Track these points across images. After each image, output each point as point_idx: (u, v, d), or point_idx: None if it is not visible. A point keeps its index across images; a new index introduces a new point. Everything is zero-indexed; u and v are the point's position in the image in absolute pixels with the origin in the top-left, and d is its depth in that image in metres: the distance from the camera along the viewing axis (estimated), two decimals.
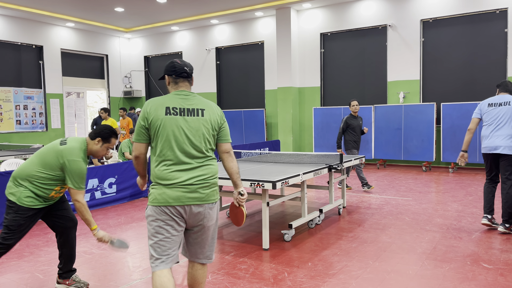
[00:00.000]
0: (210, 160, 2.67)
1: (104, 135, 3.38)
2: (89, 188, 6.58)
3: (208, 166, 2.65)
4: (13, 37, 12.58)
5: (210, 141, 2.66)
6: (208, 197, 2.63)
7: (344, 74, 11.95)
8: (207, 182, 2.62)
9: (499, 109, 4.94)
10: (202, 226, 2.67)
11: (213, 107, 2.70)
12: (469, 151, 9.69)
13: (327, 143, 11.54)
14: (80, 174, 3.23)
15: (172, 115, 2.57)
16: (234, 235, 5.03)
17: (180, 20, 13.70)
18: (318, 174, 5.07)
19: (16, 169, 3.32)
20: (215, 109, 2.71)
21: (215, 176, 2.68)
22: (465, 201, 6.60)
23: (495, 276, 3.62)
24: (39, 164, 3.24)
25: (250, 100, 13.70)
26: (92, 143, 3.38)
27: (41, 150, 3.33)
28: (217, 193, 2.72)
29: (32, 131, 13.11)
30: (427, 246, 4.47)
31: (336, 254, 4.29)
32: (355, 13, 11.54)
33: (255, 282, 3.61)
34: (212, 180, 2.66)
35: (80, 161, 3.24)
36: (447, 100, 10.53)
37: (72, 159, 3.21)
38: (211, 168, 2.66)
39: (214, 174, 2.68)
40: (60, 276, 3.54)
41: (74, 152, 3.24)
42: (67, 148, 3.24)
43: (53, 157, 3.23)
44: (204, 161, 2.64)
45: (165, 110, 2.58)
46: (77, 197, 3.22)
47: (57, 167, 3.23)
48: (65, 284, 3.53)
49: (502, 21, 9.83)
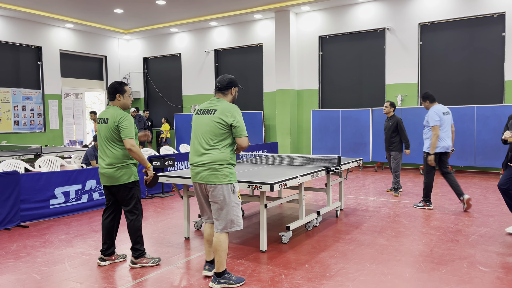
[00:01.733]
0: (214, 149, 3.44)
1: None
2: (87, 189, 6.58)
3: (210, 154, 3.45)
4: (12, 38, 12.58)
5: (217, 132, 3.44)
6: (207, 178, 3.46)
7: (343, 77, 11.98)
8: (205, 166, 3.46)
9: (446, 116, 6.25)
10: (209, 200, 3.55)
11: (225, 109, 3.47)
12: (467, 155, 9.72)
13: (325, 146, 11.56)
14: None
15: (198, 114, 3.60)
16: (231, 237, 5.03)
17: (179, 22, 13.72)
18: (316, 176, 5.09)
19: (102, 163, 3.97)
20: (225, 111, 3.46)
21: (213, 162, 3.43)
22: (462, 204, 6.61)
23: (491, 279, 3.64)
24: (114, 146, 3.93)
25: (249, 102, 13.72)
26: None
27: (101, 137, 4.00)
28: (219, 177, 3.42)
29: (30, 131, 13.10)
30: (424, 248, 4.49)
31: (333, 256, 4.30)
32: (353, 16, 11.58)
33: (252, 283, 3.61)
34: (209, 165, 3.44)
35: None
36: (445, 103, 10.56)
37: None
38: (213, 155, 3.44)
39: (212, 161, 3.43)
40: (137, 257, 4.07)
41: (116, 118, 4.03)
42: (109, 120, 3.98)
43: (112, 134, 3.94)
44: (208, 149, 3.46)
45: (197, 111, 3.65)
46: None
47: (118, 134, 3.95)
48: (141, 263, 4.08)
49: (499, 25, 9.88)
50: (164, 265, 4.13)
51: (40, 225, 5.72)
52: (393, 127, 7.46)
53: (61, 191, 6.21)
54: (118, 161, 3.93)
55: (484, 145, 9.52)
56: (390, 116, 7.61)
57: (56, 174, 6.17)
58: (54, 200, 6.12)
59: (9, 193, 5.56)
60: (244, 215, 6.17)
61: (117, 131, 3.88)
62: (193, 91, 14.74)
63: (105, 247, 4.13)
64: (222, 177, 3.43)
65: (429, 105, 6.37)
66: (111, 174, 3.93)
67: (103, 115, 4.00)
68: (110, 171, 3.93)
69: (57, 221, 5.95)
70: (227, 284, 3.52)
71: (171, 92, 15.40)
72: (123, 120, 3.86)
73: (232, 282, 3.53)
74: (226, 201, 3.45)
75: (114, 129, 3.88)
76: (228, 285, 3.52)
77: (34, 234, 5.31)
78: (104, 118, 3.97)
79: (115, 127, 3.87)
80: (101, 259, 4.13)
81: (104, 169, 3.96)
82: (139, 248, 4.04)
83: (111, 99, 4.04)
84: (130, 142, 3.84)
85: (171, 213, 6.40)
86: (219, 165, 3.42)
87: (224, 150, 3.45)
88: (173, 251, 4.55)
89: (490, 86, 10.05)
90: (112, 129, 3.89)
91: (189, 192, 5.02)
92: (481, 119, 9.54)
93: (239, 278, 3.60)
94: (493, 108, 9.43)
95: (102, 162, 4.00)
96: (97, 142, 4.10)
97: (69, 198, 6.32)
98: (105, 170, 3.95)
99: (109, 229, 4.13)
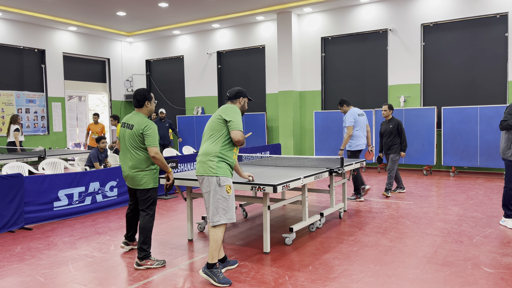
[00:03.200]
0: (207, 142, 3.74)
1: None
2: (90, 192, 6.60)
3: (204, 146, 3.76)
4: (16, 41, 12.64)
5: (213, 128, 3.75)
6: (198, 170, 3.75)
7: (345, 78, 11.97)
8: (199, 158, 3.76)
9: (361, 118, 7.08)
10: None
11: (225, 108, 3.79)
12: (470, 156, 9.69)
13: (328, 147, 11.55)
14: None
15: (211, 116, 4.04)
16: (235, 239, 5.03)
17: (181, 24, 13.75)
18: (319, 177, 5.08)
19: (125, 166, 4.18)
20: (225, 109, 3.78)
21: (203, 154, 3.72)
22: (466, 205, 6.60)
23: (496, 280, 3.62)
24: (137, 151, 4.12)
25: (251, 103, 13.72)
26: None
27: (124, 141, 4.19)
28: (206, 169, 3.66)
29: (34, 134, 13.14)
30: (428, 250, 4.47)
31: (337, 257, 4.29)
32: (355, 18, 11.57)
33: (256, 285, 3.61)
34: (200, 156, 3.74)
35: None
36: (447, 104, 10.54)
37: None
38: (205, 148, 3.74)
39: (203, 153, 3.72)
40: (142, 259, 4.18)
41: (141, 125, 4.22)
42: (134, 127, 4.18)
43: (136, 141, 4.13)
44: (204, 142, 3.78)
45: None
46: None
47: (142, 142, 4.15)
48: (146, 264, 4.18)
49: (502, 26, 9.86)
50: (167, 267, 4.13)
51: (44, 228, 5.74)
52: (395, 129, 7.44)
53: (64, 194, 6.23)
54: (141, 166, 4.14)
55: (487, 146, 9.49)
56: (390, 119, 7.58)
57: (59, 177, 6.19)
58: (57, 202, 6.14)
59: (13, 196, 5.58)
60: (247, 217, 6.16)
61: (142, 138, 4.08)
62: (195, 93, 14.76)
63: (129, 234, 4.60)
64: (208, 168, 3.66)
65: (346, 109, 7.06)
66: (133, 177, 4.15)
67: (128, 120, 4.23)
68: (132, 174, 4.15)
69: (61, 224, 5.96)
70: (211, 279, 3.62)
71: (174, 94, 15.42)
72: (148, 129, 4.08)
73: (216, 279, 3.60)
74: (211, 193, 3.64)
75: (139, 136, 4.09)
76: (211, 280, 3.62)
77: (38, 236, 5.32)
78: (129, 124, 4.20)
79: (140, 134, 4.08)
80: (125, 243, 4.63)
81: (126, 172, 4.20)
82: (145, 249, 4.12)
83: (139, 106, 4.24)
84: (154, 150, 4.05)
85: (174, 215, 6.41)
86: (207, 156, 3.68)
87: (216, 143, 3.70)
88: (176, 253, 4.55)
89: (493, 87, 10.02)
90: (137, 135, 4.11)
91: (192, 194, 5.02)
92: (485, 119, 9.51)
93: (226, 280, 3.61)
94: (496, 109, 9.40)
95: (124, 165, 4.22)
96: (119, 144, 4.35)
97: (73, 200, 6.34)
98: (128, 173, 4.18)
99: (131, 220, 4.55)
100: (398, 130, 7.44)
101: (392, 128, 7.46)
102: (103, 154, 7.84)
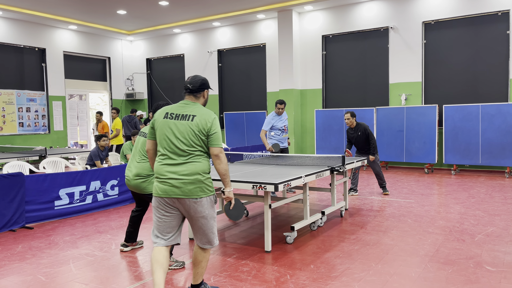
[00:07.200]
0: (195, 158, 3.05)
1: None
2: (91, 190, 6.59)
3: (192, 163, 3.04)
4: (16, 40, 12.63)
5: (196, 142, 3.05)
6: (190, 192, 3.02)
7: (346, 76, 11.95)
8: (187, 179, 3.01)
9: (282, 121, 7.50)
10: (190, 216, 3.10)
11: (204, 115, 3.09)
12: (471, 153, 9.67)
13: (329, 145, 11.53)
14: None
15: (168, 119, 3.12)
16: (236, 238, 5.02)
17: (182, 22, 13.73)
18: (320, 176, 5.07)
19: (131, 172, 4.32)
20: (207, 117, 3.09)
21: (197, 173, 3.03)
22: (467, 203, 6.58)
23: (498, 279, 3.61)
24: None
25: (252, 102, 13.70)
26: None
27: (137, 149, 4.36)
28: (204, 190, 3.06)
29: (34, 133, 13.14)
30: (429, 248, 4.46)
31: (339, 256, 4.28)
32: (356, 15, 11.54)
33: (257, 284, 3.60)
34: (193, 177, 3.02)
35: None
36: (449, 102, 10.52)
37: None
38: (195, 165, 3.04)
39: (196, 172, 3.03)
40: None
41: None
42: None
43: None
44: (188, 159, 3.04)
45: (164, 115, 3.16)
46: None
47: None
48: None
49: (504, 23, 9.82)
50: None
51: (45, 227, 5.73)
52: (365, 135, 7.30)
53: (65, 193, 6.22)
54: (145, 172, 4.29)
55: (489, 144, 9.47)
56: (355, 126, 7.38)
57: (60, 176, 6.18)
58: (58, 201, 6.13)
59: (14, 195, 5.58)
60: (248, 216, 6.16)
61: None
62: None
63: (129, 235, 4.66)
64: (206, 188, 3.11)
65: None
66: (137, 184, 4.31)
67: (144, 129, 4.44)
68: (137, 181, 4.30)
69: (62, 222, 5.96)
70: None
71: (174, 92, 15.41)
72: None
73: None
74: (209, 215, 3.14)
75: None
76: None
77: (39, 235, 5.32)
78: (143, 132, 4.41)
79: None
80: (123, 245, 4.65)
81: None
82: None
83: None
84: None
85: None
86: (203, 175, 3.07)
87: (206, 157, 3.12)
88: (177, 252, 4.55)
89: (495, 84, 9.99)
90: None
91: None
92: (486, 117, 9.49)
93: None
94: (498, 107, 9.37)
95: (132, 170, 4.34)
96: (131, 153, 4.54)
97: (74, 199, 6.33)
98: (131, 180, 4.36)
99: (134, 219, 4.63)
100: (367, 134, 7.34)
101: (361, 135, 7.30)
102: (104, 152, 7.83)
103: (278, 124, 7.44)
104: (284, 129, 7.53)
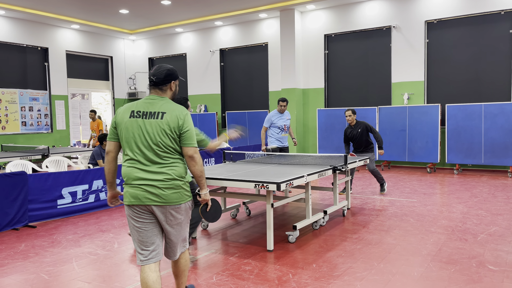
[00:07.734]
0: (169, 162, 2.71)
1: None
2: (94, 189, 6.61)
3: (167, 167, 2.70)
4: (19, 39, 12.66)
5: (169, 144, 2.70)
6: (169, 198, 2.69)
7: (348, 75, 11.93)
8: (164, 185, 2.68)
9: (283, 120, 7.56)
10: (166, 224, 2.76)
11: (175, 111, 2.72)
12: (474, 153, 9.64)
13: (331, 145, 11.52)
14: None
15: (135, 117, 2.71)
16: (238, 237, 5.03)
17: (184, 21, 13.74)
18: (322, 175, 5.07)
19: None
20: (177, 113, 2.72)
21: (174, 178, 2.70)
22: (470, 203, 6.57)
23: (501, 278, 3.60)
24: None
25: (254, 101, 13.71)
26: None
27: None
28: (183, 196, 2.75)
29: (37, 132, 13.18)
30: (432, 248, 4.45)
31: (341, 255, 4.28)
32: (359, 15, 11.53)
33: (259, 283, 3.60)
34: (170, 183, 2.69)
35: None
36: (451, 101, 10.49)
37: None
38: (172, 169, 2.71)
39: (173, 177, 2.70)
40: None
41: None
42: None
43: None
44: (162, 164, 2.70)
45: (130, 113, 2.74)
46: None
47: None
48: None
49: (507, 22, 9.79)
50: (168, 266, 4.12)
51: (47, 225, 5.75)
52: (365, 132, 7.31)
53: (68, 191, 6.24)
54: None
55: (492, 143, 9.44)
56: (355, 124, 7.39)
57: (63, 175, 6.20)
58: (61, 200, 6.15)
59: (17, 194, 5.60)
60: (250, 215, 6.16)
61: None
62: (198, 91, 14.75)
63: None
64: (185, 194, 2.81)
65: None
66: None
67: None
68: None
69: (65, 221, 5.98)
70: None
71: None
72: None
73: None
74: (185, 221, 2.88)
75: None
76: None
77: (42, 234, 5.34)
78: None
79: None
80: None
81: None
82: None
83: None
84: None
85: None
86: (181, 179, 2.77)
87: (182, 160, 2.82)
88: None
89: (498, 84, 9.96)
90: None
91: None
92: (489, 117, 9.46)
93: None
94: (501, 106, 9.35)
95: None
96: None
97: (76, 198, 6.35)
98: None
99: None
100: (368, 131, 7.33)
101: (361, 132, 7.31)
102: None
103: (278, 122, 7.44)
104: (284, 128, 7.52)
